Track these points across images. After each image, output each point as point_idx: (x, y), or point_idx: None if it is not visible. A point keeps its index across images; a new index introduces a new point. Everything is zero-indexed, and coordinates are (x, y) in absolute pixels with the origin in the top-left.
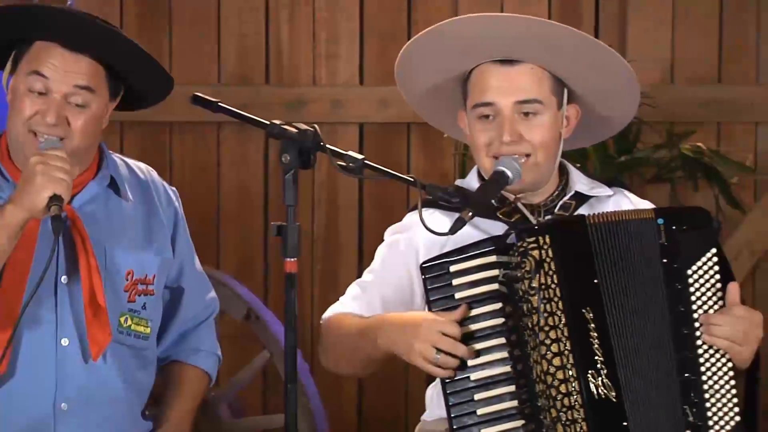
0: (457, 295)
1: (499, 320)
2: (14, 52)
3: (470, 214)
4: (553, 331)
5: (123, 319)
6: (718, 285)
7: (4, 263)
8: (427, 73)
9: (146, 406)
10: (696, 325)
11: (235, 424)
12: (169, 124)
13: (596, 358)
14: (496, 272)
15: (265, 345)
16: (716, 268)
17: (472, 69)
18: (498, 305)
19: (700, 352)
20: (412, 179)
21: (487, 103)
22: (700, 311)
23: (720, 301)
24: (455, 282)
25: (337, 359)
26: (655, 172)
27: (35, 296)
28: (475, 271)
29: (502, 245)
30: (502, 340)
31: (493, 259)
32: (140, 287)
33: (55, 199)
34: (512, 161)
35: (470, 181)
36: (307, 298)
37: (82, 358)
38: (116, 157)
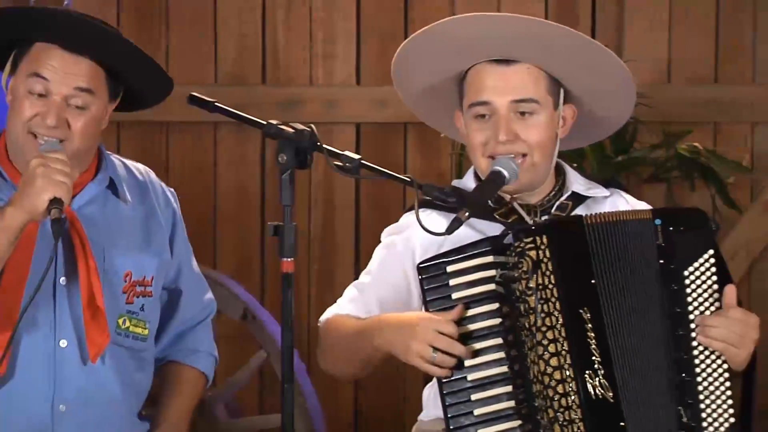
0: (454, 296)
1: (496, 320)
2: (14, 52)
3: (467, 215)
4: (550, 331)
5: (121, 320)
6: (715, 286)
7: (4, 265)
8: (424, 73)
9: (143, 407)
10: (692, 326)
11: (232, 424)
12: (166, 124)
13: (593, 358)
14: (493, 272)
15: (262, 345)
16: (713, 269)
17: (469, 69)
18: (495, 305)
19: (695, 353)
20: (409, 179)
21: (483, 102)
22: (697, 312)
23: (717, 303)
24: (452, 282)
25: (335, 361)
26: (651, 172)
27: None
28: (472, 272)
29: (499, 245)
30: (499, 341)
31: (490, 259)
32: (138, 289)
33: (56, 202)
34: (509, 161)
35: (467, 181)
36: (304, 298)
37: (80, 359)
38: (114, 158)
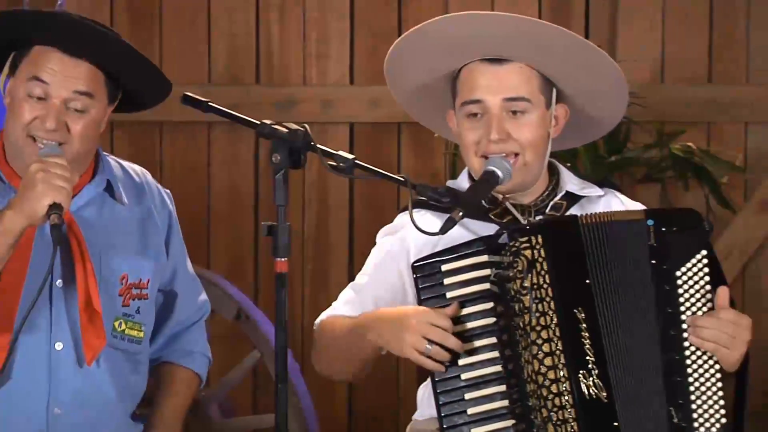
0: (449, 295)
1: (491, 320)
2: (13, 54)
3: (460, 214)
4: (544, 330)
5: (117, 323)
6: (708, 287)
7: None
8: (417, 72)
9: (137, 407)
10: (683, 326)
11: (225, 424)
12: (160, 124)
13: (587, 358)
14: (488, 272)
15: (256, 345)
16: (706, 270)
17: (461, 68)
18: (489, 305)
19: (686, 353)
20: (403, 179)
21: (476, 101)
22: (689, 313)
23: (709, 303)
24: (446, 281)
25: (331, 362)
26: (645, 172)
27: (30, 300)
28: (467, 271)
29: (493, 245)
30: (494, 340)
31: (484, 258)
32: (134, 291)
33: (55, 207)
34: (502, 161)
35: (461, 181)
36: (298, 298)
37: (76, 362)
38: (111, 159)
